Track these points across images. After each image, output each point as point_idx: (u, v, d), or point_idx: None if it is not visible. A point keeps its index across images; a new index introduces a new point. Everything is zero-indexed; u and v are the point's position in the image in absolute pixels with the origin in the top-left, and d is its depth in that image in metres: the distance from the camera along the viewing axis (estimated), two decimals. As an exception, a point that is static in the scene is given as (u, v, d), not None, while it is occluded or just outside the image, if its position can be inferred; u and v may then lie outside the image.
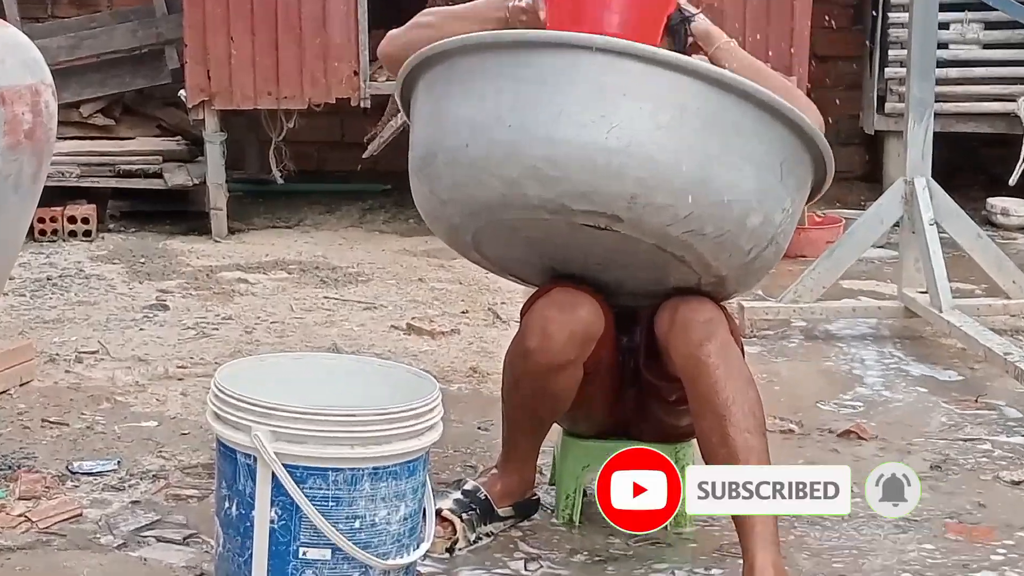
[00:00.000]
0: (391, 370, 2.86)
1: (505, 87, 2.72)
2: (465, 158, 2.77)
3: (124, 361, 4.28)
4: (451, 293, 5.07)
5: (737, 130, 2.71)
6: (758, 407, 2.84)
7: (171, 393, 4.00)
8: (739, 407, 2.81)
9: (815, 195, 2.93)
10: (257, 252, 5.67)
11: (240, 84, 5.75)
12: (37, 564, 2.96)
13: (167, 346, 4.44)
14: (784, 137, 2.75)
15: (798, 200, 2.85)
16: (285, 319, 4.77)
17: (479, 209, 2.83)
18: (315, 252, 5.66)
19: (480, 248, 3.02)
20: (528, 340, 2.94)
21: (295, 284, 5.22)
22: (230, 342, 4.49)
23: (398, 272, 5.36)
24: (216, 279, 5.24)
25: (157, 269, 5.37)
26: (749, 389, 2.85)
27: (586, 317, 2.93)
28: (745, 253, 2.81)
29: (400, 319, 4.76)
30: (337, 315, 4.82)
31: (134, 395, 3.98)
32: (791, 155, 2.77)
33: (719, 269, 2.84)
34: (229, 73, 5.73)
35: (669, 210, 2.69)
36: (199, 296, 5.02)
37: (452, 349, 4.48)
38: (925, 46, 4.62)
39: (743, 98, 2.69)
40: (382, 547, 2.59)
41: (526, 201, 2.74)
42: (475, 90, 2.76)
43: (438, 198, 2.90)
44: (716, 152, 2.70)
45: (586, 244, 2.84)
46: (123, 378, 4.12)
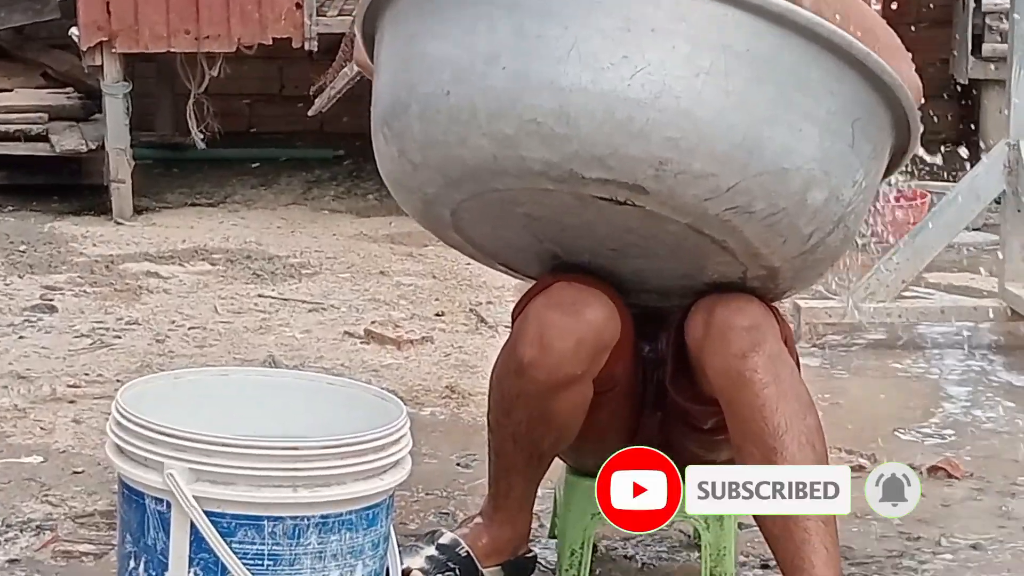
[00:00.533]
0: (345, 390, 2.85)
1: (499, 17, 2.69)
2: (445, 108, 2.74)
3: (1, 378, 4.27)
4: (422, 290, 5.08)
5: (799, 80, 2.69)
6: (818, 437, 2.85)
7: (60, 420, 4.00)
8: (793, 437, 2.81)
9: (895, 167, 2.92)
10: (171, 237, 5.67)
11: (149, 21, 5.75)
12: None
13: (55, 359, 4.44)
14: (859, 91, 2.73)
15: (874, 172, 2.83)
16: (207, 324, 4.77)
17: (462, 176, 2.80)
18: (246, 237, 5.67)
19: (462, 228, 3.00)
20: (523, 350, 2.93)
21: (220, 279, 5.22)
22: (136, 353, 4.49)
23: (354, 263, 5.37)
24: (118, 272, 5.24)
25: (42, 259, 5.37)
26: (807, 414, 2.85)
27: (596, 321, 2.92)
28: (805, 238, 2.80)
29: (356, 323, 4.77)
30: (275, 319, 4.84)
31: (12, 423, 3.98)
32: (867, 114, 2.76)
33: (770, 259, 2.84)
34: (135, 6, 5.73)
35: (709, 180, 2.67)
36: (96, 294, 5.02)
37: (424, 362, 4.48)
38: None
39: (809, 39, 2.68)
40: (334, 620, 2.58)
41: (523, 165, 2.71)
42: (459, 21, 2.74)
43: (409, 161, 2.86)
44: (771, 108, 2.68)
45: (599, 224, 2.83)
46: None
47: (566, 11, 2.65)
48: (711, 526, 3.16)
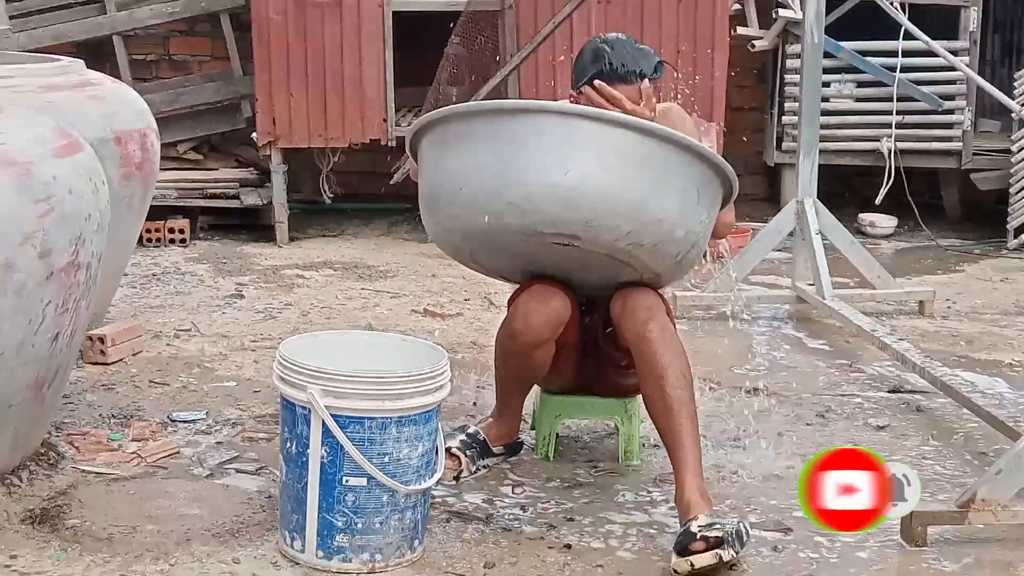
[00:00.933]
0: (411, 343, 2.85)
1: (486, 145, 2.73)
2: (460, 199, 2.78)
3: (210, 337, 4.27)
4: (456, 285, 5.07)
5: (664, 167, 2.71)
6: (688, 371, 2.84)
7: (246, 361, 4.00)
8: (673, 371, 2.81)
9: (725, 205, 2.94)
10: (310, 255, 5.65)
11: (297, 128, 5.74)
12: (146, 489, 2.97)
13: (243, 325, 4.42)
14: (698, 169, 2.75)
15: (711, 213, 2.85)
16: (332, 305, 4.75)
17: (473, 235, 2.85)
18: (354, 255, 5.65)
19: (476, 260, 3.04)
20: (514, 323, 2.94)
21: (339, 279, 5.21)
22: (290, 322, 4.47)
23: (416, 269, 5.36)
24: (279, 275, 5.23)
25: (235, 267, 5.36)
26: (682, 358, 2.85)
27: (557, 306, 2.93)
28: (674, 256, 2.81)
29: (418, 305, 4.75)
30: (371, 302, 4.82)
31: (218, 362, 3.98)
32: (704, 181, 2.78)
33: (656, 269, 2.86)
34: (289, 120, 5.71)
35: (616, 229, 2.70)
36: (267, 288, 5.01)
37: (458, 327, 4.46)
38: (812, 100, 4.62)
39: (666, 142, 2.69)
40: (404, 476, 2.58)
41: (508, 228, 2.75)
42: (462, 148, 2.78)
43: (442, 227, 2.92)
44: (648, 184, 2.70)
45: (555, 256, 2.85)
46: (210, 350, 4.11)
47: (525, 139, 2.68)
48: (624, 422, 3.17)
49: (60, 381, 3.00)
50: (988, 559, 2.68)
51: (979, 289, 5.17)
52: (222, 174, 6.04)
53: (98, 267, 2.96)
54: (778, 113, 6.18)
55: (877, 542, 2.74)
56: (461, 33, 5.54)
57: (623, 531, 2.79)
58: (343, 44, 5.64)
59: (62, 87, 3.70)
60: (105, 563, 2.59)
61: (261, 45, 5.64)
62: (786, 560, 2.67)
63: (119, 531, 2.73)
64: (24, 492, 2.89)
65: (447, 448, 2.96)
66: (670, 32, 5.60)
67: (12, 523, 2.75)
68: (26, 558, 2.60)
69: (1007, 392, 3.80)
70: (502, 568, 2.61)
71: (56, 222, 2.74)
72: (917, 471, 2.67)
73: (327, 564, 2.57)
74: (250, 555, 2.64)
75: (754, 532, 2.73)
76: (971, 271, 5.50)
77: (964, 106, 6.01)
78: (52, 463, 3.06)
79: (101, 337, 3.89)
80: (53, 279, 2.75)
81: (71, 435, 3.25)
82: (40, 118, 3.00)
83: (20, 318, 2.70)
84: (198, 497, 2.92)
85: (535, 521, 2.84)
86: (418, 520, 2.63)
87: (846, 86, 6.05)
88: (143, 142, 3.88)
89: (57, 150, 2.85)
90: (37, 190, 2.71)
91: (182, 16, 6.22)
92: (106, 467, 3.07)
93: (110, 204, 3.02)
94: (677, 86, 5.43)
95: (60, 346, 2.86)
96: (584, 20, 5.53)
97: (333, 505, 2.55)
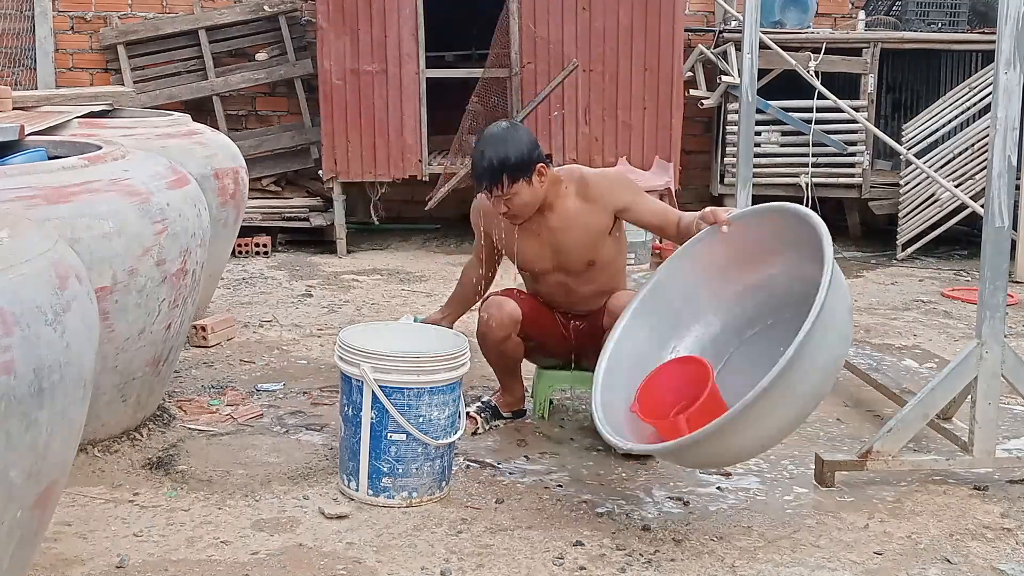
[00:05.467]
0: (440, 331, 2.84)
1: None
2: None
3: (287, 326, 4.26)
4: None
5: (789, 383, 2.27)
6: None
7: (314, 344, 3.99)
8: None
9: None
10: (363, 264, 5.64)
11: (353, 166, 5.73)
12: (237, 443, 2.97)
13: (311, 317, 4.41)
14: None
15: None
16: (379, 302, 4.75)
17: None
18: (396, 264, 5.64)
19: None
20: (480, 326, 2.98)
21: (385, 282, 5.20)
22: (347, 315, 4.46)
23: (444, 275, 5.34)
24: (339, 279, 5.23)
25: (306, 273, 5.35)
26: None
27: (509, 311, 2.94)
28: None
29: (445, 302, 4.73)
30: (409, 300, 4.81)
31: (293, 346, 3.97)
32: None
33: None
34: (347, 160, 5.71)
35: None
36: (330, 289, 5.00)
37: (473, 319, 4.42)
38: (746, 145, 4.57)
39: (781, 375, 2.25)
40: (434, 432, 2.58)
41: None
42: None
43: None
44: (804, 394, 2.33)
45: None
46: (286, 336, 4.11)
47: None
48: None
49: (172, 359, 3.01)
50: (880, 496, 2.68)
51: (875, 290, 5.15)
52: (296, 202, 6.04)
53: (201, 273, 2.97)
54: (720, 155, 6.16)
55: (797, 485, 2.73)
56: (479, 94, 5.55)
57: (597, 472, 2.80)
58: (388, 102, 5.65)
59: (173, 135, 3.74)
60: (206, 499, 2.60)
61: (326, 103, 5.65)
62: (729, 498, 2.67)
63: (217, 474, 2.74)
64: (144, 444, 2.90)
65: (467, 411, 2.96)
66: (638, 94, 5.63)
67: (135, 468, 2.77)
68: (146, 495, 2.61)
69: (896, 368, 3.79)
70: (509, 503, 2.61)
71: (169, 238, 2.75)
72: (831, 430, 2.65)
73: (375, 499, 2.57)
74: (316, 492, 2.65)
75: (701, 477, 2.72)
76: (869, 276, 5.48)
77: (864, 150, 5.99)
78: (166, 422, 3.07)
79: (203, 326, 3.90)
80: (167, 282, 2.76)
81: (180, 401, 3.26)
82: (157, 159, 3.02)
83: (141, 311, 2.71)
84: (277, 448, 2.93)
85: (534, 467, 2.84)
86: (445, 466, 2.63)
87: (773, 134, 6.02)
88: (235, 177, 3.89)
89: (170, 183, 2.87)
90: (154, 213, 2.72)
91: (266, 81, 6.24)
92: (207, 425, 3.08)
93: (210, 225, 3.03)
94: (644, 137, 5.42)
95: (172, 333, 2.87)
96: (572, 85, 5.53)
97: (380, 455, 2.56)
